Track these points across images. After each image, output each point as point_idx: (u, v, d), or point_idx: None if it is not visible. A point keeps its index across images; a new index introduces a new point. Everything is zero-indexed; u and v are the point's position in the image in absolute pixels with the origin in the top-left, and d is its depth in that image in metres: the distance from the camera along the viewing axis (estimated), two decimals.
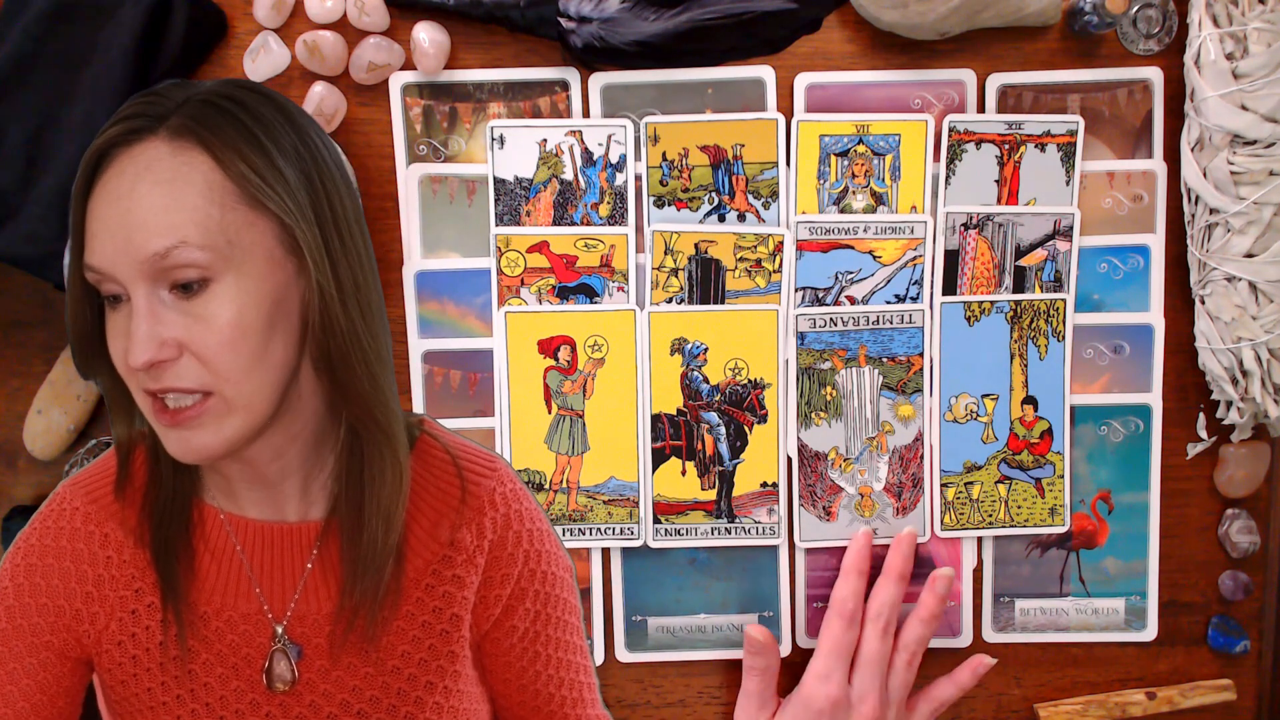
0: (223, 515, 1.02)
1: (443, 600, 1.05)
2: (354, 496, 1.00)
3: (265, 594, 1.01)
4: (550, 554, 1.11)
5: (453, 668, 1.05)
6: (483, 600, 1.07)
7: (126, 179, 0.90)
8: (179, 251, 0.89)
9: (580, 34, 1.34)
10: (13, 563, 1.00)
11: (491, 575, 1.07)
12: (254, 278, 0.92)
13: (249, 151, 0.92)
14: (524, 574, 1.08)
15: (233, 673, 1.00)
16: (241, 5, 1.36)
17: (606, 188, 1.40)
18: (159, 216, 0.89)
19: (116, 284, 0.91)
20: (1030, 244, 1.42)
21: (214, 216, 0.90)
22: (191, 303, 0.90)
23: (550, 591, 1.11)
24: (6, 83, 1.29)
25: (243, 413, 0.92)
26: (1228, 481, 1.46)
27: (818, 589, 1.45)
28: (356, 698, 1.02)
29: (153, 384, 0.90)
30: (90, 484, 1.03)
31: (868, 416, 1.43)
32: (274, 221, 0.93)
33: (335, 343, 0.95)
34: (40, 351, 1.41)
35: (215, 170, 0.91)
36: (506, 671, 1.11)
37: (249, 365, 0.91)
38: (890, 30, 1.37)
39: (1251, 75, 1.33)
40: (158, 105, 0.93)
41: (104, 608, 0.99)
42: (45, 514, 1.02)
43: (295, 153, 0.94)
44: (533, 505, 1.11)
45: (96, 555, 0.99)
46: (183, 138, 0.91)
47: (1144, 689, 1.48)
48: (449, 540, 1.05)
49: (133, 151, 0.91)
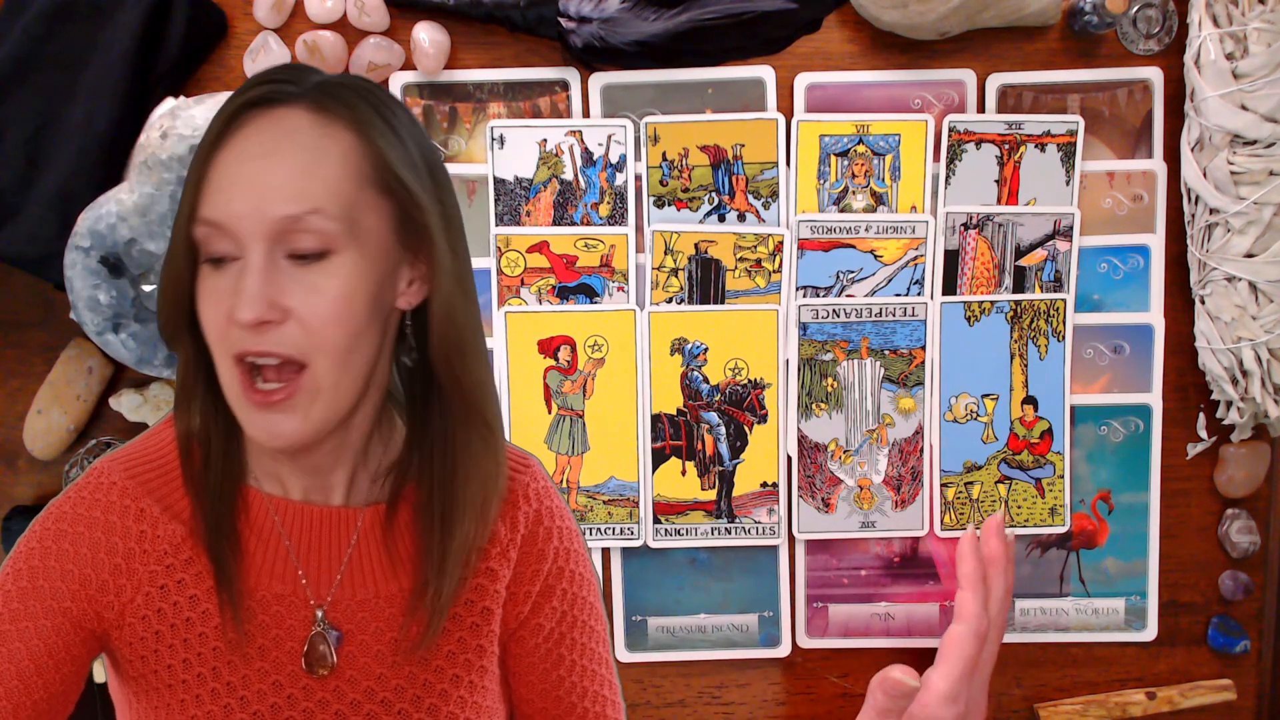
0: (266, 498, 1.02)
1: (474, 593, 1.05)
2: (448, 490, 1.01)
3: (307, 576, 1.01)
4: (579, 555, 1.11)
5: (479, 662, 1.05)
6: (513, 597, 1.07)
7: (267, 139, 0.91)
8: (311, 218, 0.89)
9: (580, 34, 1.34)
10: (43, 526, 1.00)
11: (522, 571, 1.07)
12: (369, 260, 0.93)
13: (389, 135, 0.93)
14: (553, 571, 1.09)
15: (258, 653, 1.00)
16: (241, 5, 1.36)
17: (606, 188, 1.40)
18: (297, 181, 0.90)
19: (232, 241, 0.91)
20: (1030, 244, 1.42)
21: (347, 192, 0.91)
22: (307, 270, 0.91)
23: (577, 593, 1.10)
24: (6, 83, 1.29)
25: (329, 396, 0.92)
26: (1228, 481, 1.46)
27: (818, 589, 1.45)
28: (382, 686, 1.02)
29: (252, 344, 0.90)
30: (129, 460, 1.03)
31: (868, 409, 1.43)
32: (395, 210, 0.94)
33: (456, 332, 0.96)
34: (40, 351, 1.41)
35: (356, 148, 0.92)
36: (530, 674, 1.10)
37: (349, 343, 0.92)
38: (890, 30, 1.38)
39: (1251, 75, 1.33)
40: (297, 76, 0.94)
41: (131, 581, 0.99)
42: (82, 484, 1.02)
43: (418, 146, 0.97)
44: (563, 506, 1.12)
45: (130, 529, 1.00)
46: (328, 111, 0.92)
47: (1144, 689, 1.48)
48: None
49: (275, 114, 0.92)
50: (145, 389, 1.39)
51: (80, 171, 1.29)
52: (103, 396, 1.40)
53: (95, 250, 1.27)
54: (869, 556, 1.45)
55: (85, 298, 1.29)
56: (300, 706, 1.00)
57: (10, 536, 1.39)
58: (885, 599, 1.46)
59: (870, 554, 1.45)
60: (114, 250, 1.28)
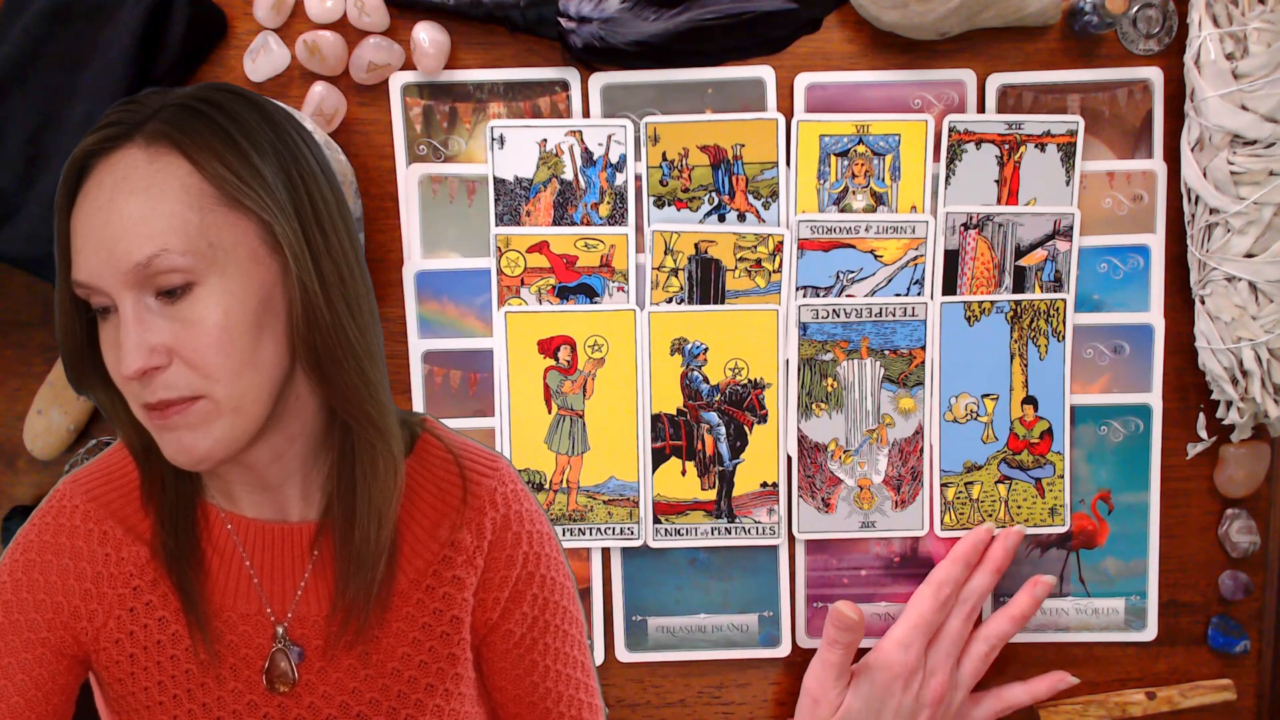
0: (224, 515, 1.01)
1: (443, 602, 1.04)
2: (346, 494, 1.00)
3: (266, 594, 1.00)
4: (550, 559, 1.10)
5: (453, 670, 1.05)
6: (481, 603, 1.06)
7: (105, 190, 0.90)
8: (160, 259, 0.89)
9: (580, 34, 1.34)
10: (12, 559, 1.00)
11: (490, 577, 1.06)
12: (238, 278, 0.91)
13: (224, 151, 0.91)
14: (522, 576, 1.07)
15: (230, 673, 0.99)
16: (241, 5, 1.36)
17: (606, 188, 1.40)
18: (138, 226, 0.89)
19: (104, 295, 0.91)
20: (1030, 244, 1.42)
21: (193, 221, 0.90)
22: (177, 307, 0.90)
23: (549, 597, 1.09)
24: (6, 83, 1.29)
25: (233, 415, 0.92)
26: (1228, 481, 1.46)
27: (818, 589, 1.45)
28: (356, 700, 1.01)
29: (148, 396, 0.90)
30: (89, 481, 1.02)
31: (868, 408, 1.43)
32: (254, 220, 0.92)
33: (320, 338, 0.94)
34: (40, 351, 1.41)
35: (192, 174, 0.91)
36: (503, 679, 1.10)
37: (238, 366, 0.91)
38: (890, 30, 1.37)
39: (1251, 75, 1.33)
40: (134, 113, 0.93)
41: (102, 605, 0.99)
42: (45, 511, 1.02)
43: (273, 150, 0.94)
44: (535, 508, 1.10)
45: (95, 553, 0.99)
46: (157, 143, 0.91)
47: (1144, 689, 1.48)
48: (449, 540, 1.04)
49: (110, 161, 0.91)
50: None
51: None
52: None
53: None
54: (869, 556, 1.45)
55: None
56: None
57: (10, 537, 1.39)
58: (885, 599, 1.46)
59: (870, 554, 1.45)
60: None
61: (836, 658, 1.38)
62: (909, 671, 1.38)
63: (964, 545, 1.43)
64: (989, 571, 1.42)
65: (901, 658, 1.38)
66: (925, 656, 1.40)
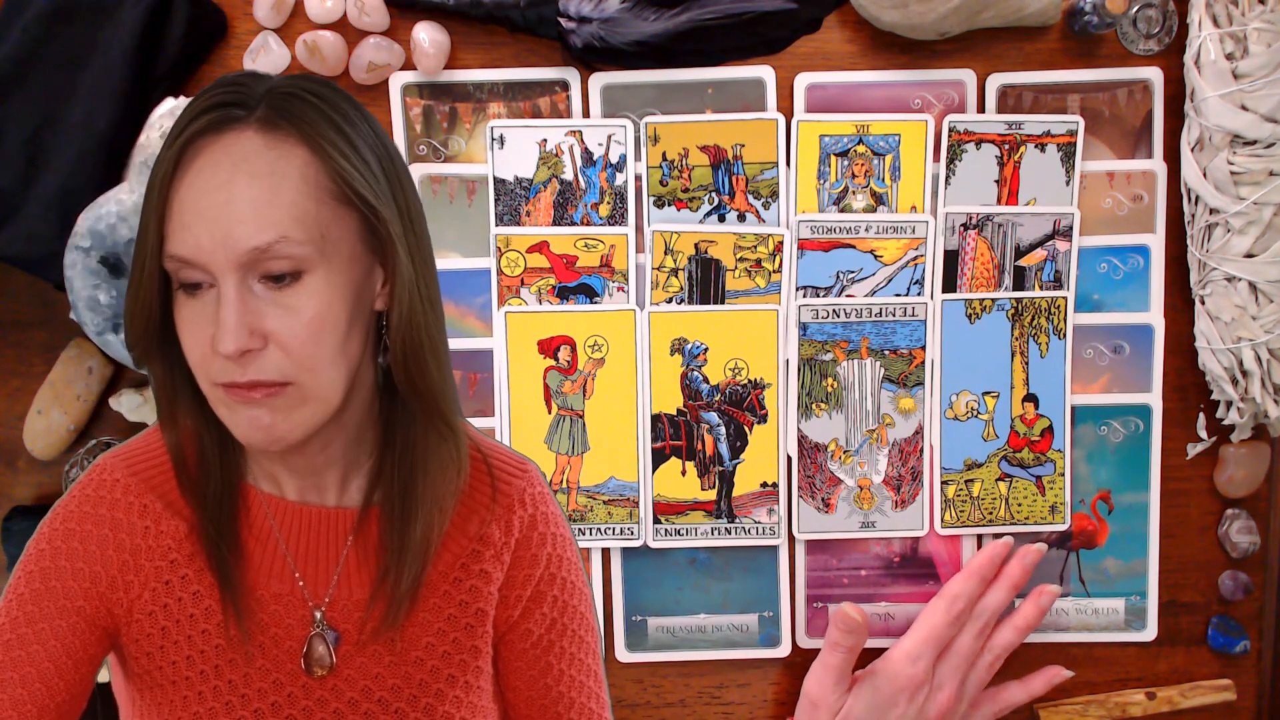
0: (264, 497, 1.02)
1: (469, 594, 1.05)
2: (408, 485, 1.01)
3: (304, 577, 1.01)
4: (572, 563, 1.11)
5: (474, 663, 1.06)
6: (504, 600, 1.07)
7: (223, 170, 0.90)
8: (280, 246, 0.89)
9: (580, 34, 1.34)
10: (51, 527, 1.01)
11: (514, 575, 1.07)
12: (342, 271, 0.93)
13: (340, 143, 0.92)
14: (544, 577, 1.09)
15: (259, 651, 1.00)
16: (241, 5, 1.36)
17: (606, 188, 1.40)
18: (260, 211, 0.89)
19: (202, 272, 0.91)
20: (1030, 244, 1.42)
21: (311, 211, 0.91)
22: (282, 293, 0.91)
23: (568, 601, 1.10)
24: (6, 83, 1.29)
25: (316, 403, 0.93)
26: (1228, 481, 1.46)
27: (818, 589, 1.45)
28: (379, 685, 1.02)
29: (239, 376, 0.91)
30: (130, 456, 1.03)
31: (868, 409, 1.43)
32: (357, 216, 0.94)
33: (414, 334, 0.96)
34: (40, 351, 1.41)
35: (310, 164, 0.91)
36: (517, 679, 1.10)
37: (331, 357, 0.92)
38: (890, 30, 1.38)
39: (1251, 75, 1.33)
40: (241, 94, 0.92)
41: (139, 577, 1.00)
42: (86, 482, 1.02)
43: (369, 146, 0.95)
44: (559, 513, 1.12)
45: (135, 525, 1.00)
46: (277, 129, 0.91)
47: (1144, 689, 1.48)
48: (478, 535, 1.06)
49: (224, 141, 0.91)
50: (145, 389, 1.39)
51: (80, 171, 1.29)
52: (103, 396, 1.40)
53: (95, 250, 1.27)
54: (869, 556, 1.45)
55: (85, 298, 1.29)
56: (300, 704, 1.00)
57: (10, 536, 1.39)
58: (885, 599, 1.46)
59: (870, 554, 1.45)
60: (114, 250, 1.28)
61: (838, 661, 1.38)
62: (915, 685, 1.38)
63: (980, 560, 1.42)
64: (1005, 589, 1.41)
65: (909, 671, 1.38)
66: (934, 670, 1.39)
